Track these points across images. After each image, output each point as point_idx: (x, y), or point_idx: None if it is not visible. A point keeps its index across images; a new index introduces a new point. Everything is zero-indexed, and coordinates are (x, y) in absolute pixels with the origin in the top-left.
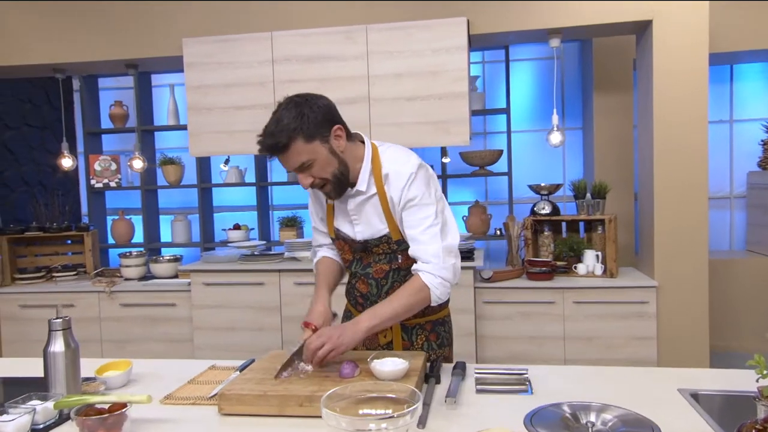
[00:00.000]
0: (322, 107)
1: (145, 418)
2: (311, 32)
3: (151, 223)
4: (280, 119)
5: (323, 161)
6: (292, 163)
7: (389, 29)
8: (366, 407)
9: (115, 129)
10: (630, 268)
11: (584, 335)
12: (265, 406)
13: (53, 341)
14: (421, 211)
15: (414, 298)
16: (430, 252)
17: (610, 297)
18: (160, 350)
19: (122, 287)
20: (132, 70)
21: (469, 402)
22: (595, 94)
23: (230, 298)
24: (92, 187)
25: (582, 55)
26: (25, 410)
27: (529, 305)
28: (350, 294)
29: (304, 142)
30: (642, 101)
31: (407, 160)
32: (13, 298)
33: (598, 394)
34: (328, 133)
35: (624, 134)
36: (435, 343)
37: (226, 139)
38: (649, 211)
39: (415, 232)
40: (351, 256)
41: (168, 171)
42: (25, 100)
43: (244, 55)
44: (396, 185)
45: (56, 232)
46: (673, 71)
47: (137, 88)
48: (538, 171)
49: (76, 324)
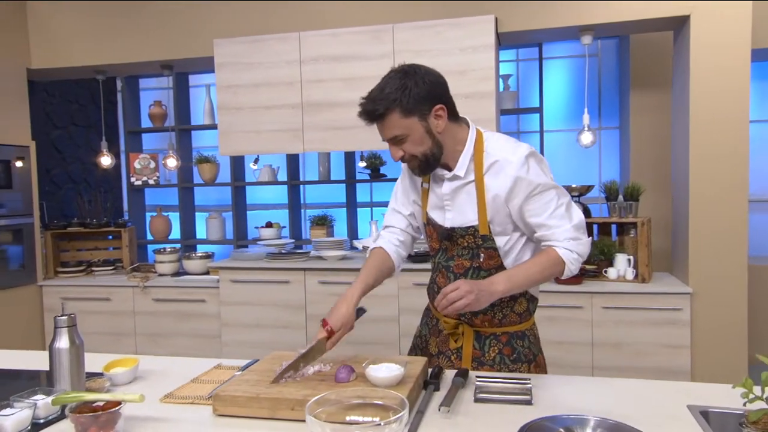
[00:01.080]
0: (428, 83)
1: (141, 416)
2: (338, 32)
3: (187, 220)
4: (383, 87)
5: (417, 138)
6: (385, 133)
7: (416, 28)
8: (355, 413)
9: (154, 128)
10: (665, 273)
11: (613, 342)
12: (258, 408)
13: (58, 338)
14: (543, 196)
15: (549, 270)
16: (562, 234)
17: (641, 303)
18: (190, 345)
19: (155, 282)
20: (167, 70)
21: (465, 411)
22: (632, 93)
23: (257, 296)
24: (132, 184)
25: (620, 53)
26: (26, 405)
27: (556, 309)
28: (430, 289)
29: (401, 115)
30: (678, 99)
31: (516, 147)
32: (55, 290)
33: (602, 406)
34: (429, 111)
35: (662, 134)
36: (509, 358)
37: (255, 138)
38: (683, 214)
39: (541, 219)
40: (438, 245)
41: (203, 169)
42: (72, 101)
43: (273, 55)
44: (507, 172)
45: (96, 228)
46: (711, 68)
47: (175, 88)
48: (573, 171)
49: (111, 317)
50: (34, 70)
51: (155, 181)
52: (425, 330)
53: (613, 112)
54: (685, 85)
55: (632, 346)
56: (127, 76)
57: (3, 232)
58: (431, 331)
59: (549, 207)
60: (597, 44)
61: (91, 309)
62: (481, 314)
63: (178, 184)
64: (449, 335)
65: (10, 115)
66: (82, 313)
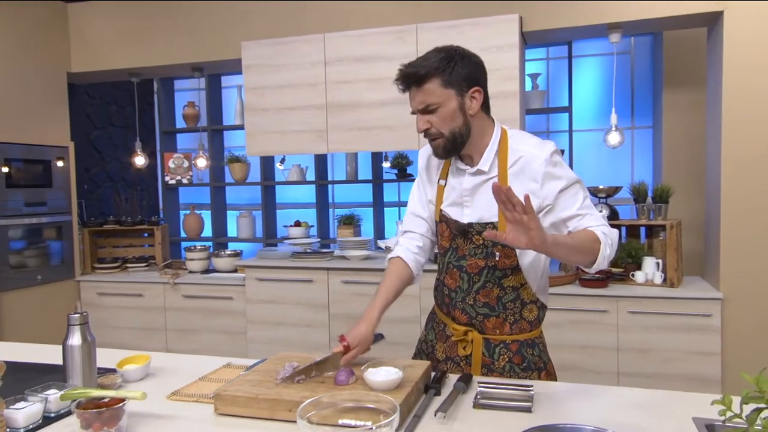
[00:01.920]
0: (471, 64)
1: (146, 413)
2: (362, 33)
3: (219, 218)
4: (428, 57)
5: (449, 112)
6: (419, 100)
7: (440, 28)
8: (349, 417)
9: (187, 128)
10: (697, 278)
11: (639, 347)
12: (257, 408)
13: (71, 335)
14: (571, 190)
15: (587, 245)
16: (596, 221)
17: (669, 308)
18: (217, 341)
19: (185, 279)
20: (197, 72)
21: (462, 417)
22: (665, 91)
23: (281, 294)
24: (166, 183)
25: (654, 50)
26: (38, 399)
27: (580, 313)
28: (438, 292)
29: (440, 84)
30: (712, 98)
31: (543, 144)
32: (92, 285)
33: (604, 416)
34: (467, 89)
35: (696, 133)
36: (519, 366)
37: (280, 139)
38: (715, 217)
39: (573, 211)
40: (448, 244)
41: (234, 169)
42: (111, 102)
43: (298, 56)
44: (534, 168)
45: (130, 226)
46: (745, 65)
47: (208, 89)
48: (605, 172)
49: (143, 312)
50: (74, 74)
51: (188, 180)
52: (431, 335)
53: (646, 110)
54: (718, 83)
55: (660, 352)
56: (161, 78)
57: (44, 229)
58: (438, 336)
59: (578, 199)
60: (630, 41)
61: (124, 304)
62: (493, 317)
63: (210, 183)
64: (458, 342)
65: (51, 117)
66: (116, 308)
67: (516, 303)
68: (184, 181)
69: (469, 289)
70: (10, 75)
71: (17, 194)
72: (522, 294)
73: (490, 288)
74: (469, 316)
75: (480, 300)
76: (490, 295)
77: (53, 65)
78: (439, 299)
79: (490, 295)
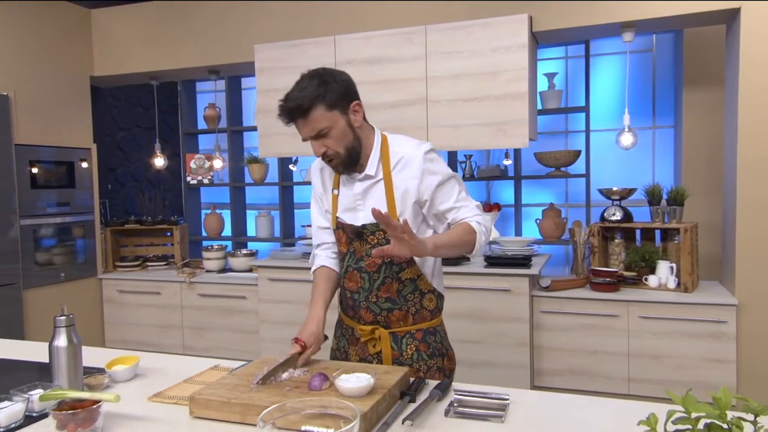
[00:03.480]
0: (343, 81)
1: (123, 414)
2: (372, 35)
3: (239, 217)
4: (303, 87)
5: (340, 132)
6: (309, 128)
7: (448, 29)
8: (314, 423)
9: (208, 130)
10: (714, 282)
11: (651, 353)
12: (229, 413)
13: (57, 337)
14: (448, 184)
15: (465, 237)
16: (470, 212)
17: (681, 314)
18: (231, 340)
19: (201, 278)
20: (214, 75)
21: (432, 425)
22: (685, 90)
23: (292, 294)
24: (188, 183)
25: (675, 48)
26: (21, 399)
27: (590, 317)
28: (342, 299)
29: (325, 109)
30: (730, 97)
31: (419, 144)
32: (113, 283)
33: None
34: (348, 106)
35: (715, 134)
36: (425, 353)
37: (292, 141)
38: (731, 220)
39: (449, 204)
40: (346, 248)
41: (253, 169)
42: (136, 104)
43: (309, 59)
44: (414, 166)
45: (150, 225)
46: (762, 63)
47: (227, 91)
48: (625, 173)
49: (161, 310)
50: (96, 77)
51: (209, 180)
52: (342, 341)
53: (668, 109)
54: (734, 83)
55: (672, 359)
56: (183, 80)
57: (68, 229)
58: (349, 341)
59: (454, 192)
60: (652, 39)
61: (143, 302)
62: (396, 310)
63: (229, 183)
64: (367, 342)
65: (75, 120)
66: (136, 305)
67: (415, 294)
68: (205, 182)
69: (371, 288)
70: (35, 79)
71: (43, 195)
72: (420, 285)
73: (390, 283)
74: (374, 313)
75: (382, 296)
76: (390, 289)
77: (77, 69)
78: (344, 304)
79: (390, 289)
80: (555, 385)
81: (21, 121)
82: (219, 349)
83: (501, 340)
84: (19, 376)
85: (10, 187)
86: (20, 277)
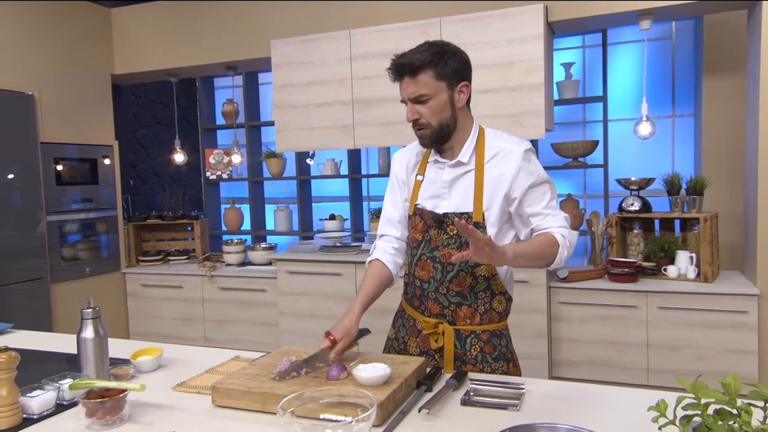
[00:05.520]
0: (461, 60)
1: (148, 402)
2: (387, 28)
3: (258, 212)
4: (421, 50)
5: (440, 104)
6: (412, 89)
7: (463, 21)
8: (332, 412)
9: (226, 125)
10: (736, 272)
11: (670, 344)
12: (250, 401)
13: (84, 328)
14: (540, 188)
15: (548, 250)
16: (556, 222)
17: (701, 304)
18: (252, 332)
19: (222, 272)
20: (231, 71)
21: (448, 414)
22: (705, 78)
23: (311, 287)
24: (207, 178)
25: (696, 35)
26: (52, 388)
27: (608, 308)
28: (408, 286)
29: (433, 77)
30: (752, 84)
31: (519, 140)
32: (136, 277)
33: (590, 417)
34: (456, 84)
35: (736, 122)
36: (490, 356)
37: (308, 135)
38: (752, 209)
39: (538, 209)
40: (421, 236)
41: (271, 164)
42: (156, 101)
43: (324, 53)
44: (511, 161)
45: (171, 220)
46: None
47: (245, 86)
48: (644, 162)
49: (183, 303)
50: (117, 75)
51: (228, 175)
52: (402, 332)
53: (688, 98)
54: (756, 69)
55: (692, 349)
56: (201, 77)
57: (92, 225)
58: (409, 332)
59: (545, 198)
60: (671, 26)
61: (166, 295)
62: (465, 306)
63: (248, 178)
64: (429, 335)
65: (97, 117)
66: (159, 299)
67: (487, 293)
68: (224, 177)
69: (443, 279)
70: (58, 79)
71: (67, 191)
72: (492, 285)
73: (463, 277)
74: (442, 305)
75: (453, 289)
76: (463, 284)
77: (98, 68)
78: (410, 293)
79: (463, 284)
80: (573, 375)
81: (46, 120)
82: (239, 341)
83: (519, 332)
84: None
85: (36, 184)
86: (48, 271)
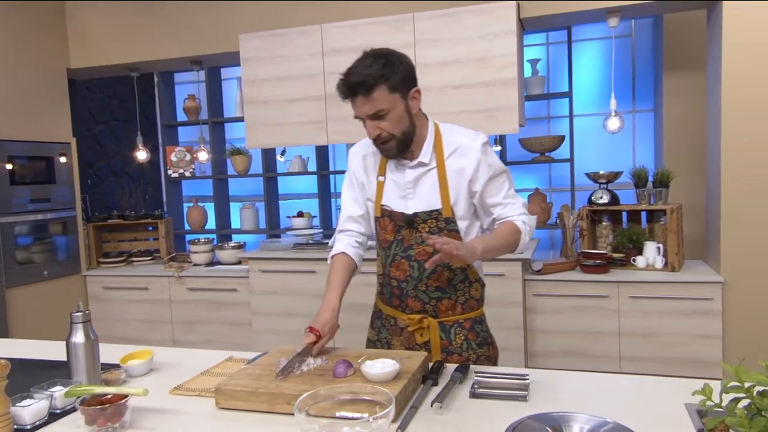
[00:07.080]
0: (408, 66)
1: (148, 408)
2: (359, 23)
3: (222, 210)
4: (368, 65)
5: (398, 116)
6: (369, 107)
7: (436, 16)
8: (346, 409)
9: (188, 122)
10: (699, 261)
11: (641, 332)
12: (257, 402)
13: (74, 333)
14: (499, 178)
15: (512, 237)
16: (516, 210)
17: (669, 292)
18: (223, 333)
19: (190, 272)
20: (196, 66)
21: (459, 407)
22: (665, 75)
23: (285, 285)
24: (169, 176)
25: (654, 33)
26: (44, 396)
27: (581, 299)
28: (385, 288)
29: (387, 91)
30: (712, 81)
31: (476, 134)
32: (97, 280)
33: (598, 404)
34: (408, 91)
35: (697, 117)
36: (474, 342)
37: (280, 131)
38: (716, 201)
39: (498, 199)
40: (392, 237)
41: (236, 161)
42: (113, 97)
43: (296, 48)
44: (470, 155)
45: (134, 220)
46: (745, 47)
47: (207, 82)
48: (606, 157)
49: (150, 305)
50: (74, 70)
51: (191, 173)
52: (383, 332)
53: (648, 94)
54: (717, 66)
55: (661, 336)
56: (161, 71)
57: (49, 225)
58: (391, 331)
59: (504, 188)
60: (631, 24)
61: (130, 298)
62: (445, 299)
63: (212, 176)
64: (414, 331)
65: (52, 114)
66: (123, 301)
67: (465, 283)
68: (186, 174)
69: (420, 276)
70: (10, 73)
71: (22, 191)
72: (469, 274)
73: (440, 272)
74: (423, 301)
75: (432, 285)
76: (441, 278)
77: (53, 62)
78: (387, 293)
79: (441, 278)
80: (549, 366)
81: None
82: (210, 342)
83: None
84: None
85: None
86: (2, 276)
